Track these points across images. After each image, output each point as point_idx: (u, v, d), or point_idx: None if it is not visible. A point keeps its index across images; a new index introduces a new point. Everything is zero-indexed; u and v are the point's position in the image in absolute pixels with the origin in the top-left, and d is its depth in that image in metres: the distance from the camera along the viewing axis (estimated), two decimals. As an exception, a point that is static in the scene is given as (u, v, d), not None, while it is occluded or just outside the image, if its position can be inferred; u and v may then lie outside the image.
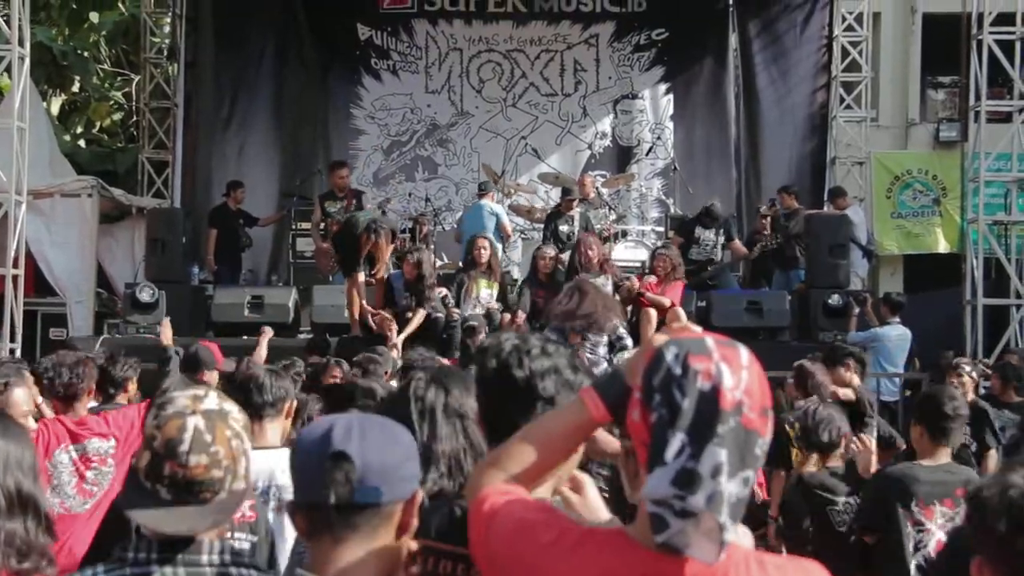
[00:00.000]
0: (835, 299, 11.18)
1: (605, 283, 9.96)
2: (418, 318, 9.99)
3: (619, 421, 1.87)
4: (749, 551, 1.77)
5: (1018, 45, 11.89)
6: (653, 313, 9.84)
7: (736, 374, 1.66)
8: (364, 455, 1.80)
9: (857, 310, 11.14)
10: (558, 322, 7.25)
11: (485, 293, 10.58)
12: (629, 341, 8.16)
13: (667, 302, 9.94)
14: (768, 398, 1.70)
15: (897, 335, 10.69)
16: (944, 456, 4.66)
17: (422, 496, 1.93)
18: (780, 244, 12.82)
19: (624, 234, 12.95)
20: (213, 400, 2.11)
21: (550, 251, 10.78)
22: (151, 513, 2.02)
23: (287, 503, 1.93)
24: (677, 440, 1.63)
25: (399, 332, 9.80)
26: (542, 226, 12.45)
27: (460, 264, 11.54)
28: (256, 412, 4.03)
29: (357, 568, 1.82)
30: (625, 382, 1.87)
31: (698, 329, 1.90)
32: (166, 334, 8.05)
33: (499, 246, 11.83)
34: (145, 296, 11.22)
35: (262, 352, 8.47)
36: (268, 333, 8.97)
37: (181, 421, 2.04)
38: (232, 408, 2.12)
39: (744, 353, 1.71)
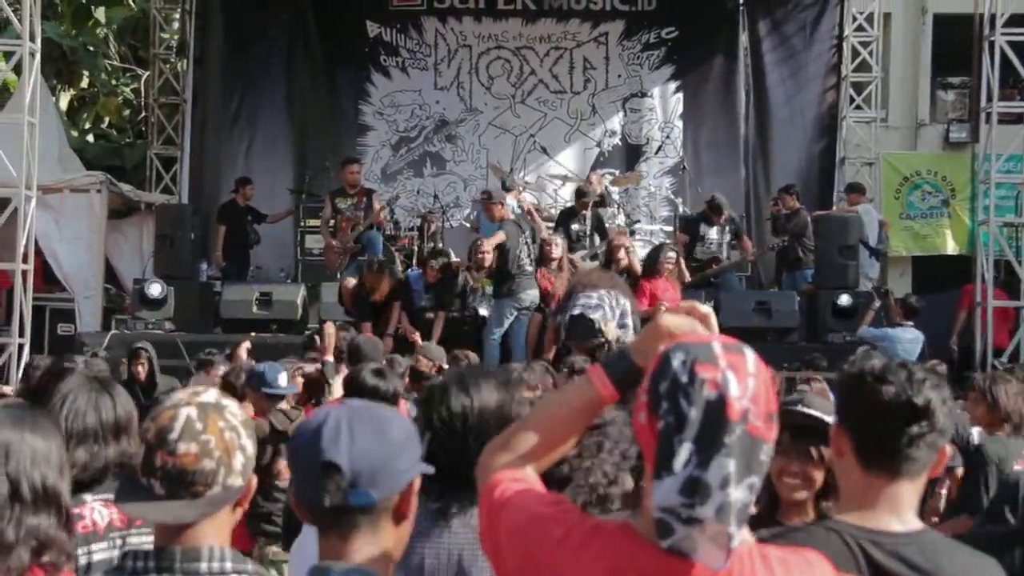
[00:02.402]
0: (844, 300, 11.14)
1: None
2: (440, 323, 10.10)
3: (626, 399, 1.87)
4: (752, 545, 1.78)
5: (1030, 46, 11.85)
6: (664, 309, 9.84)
7: (743, 382, 1.66)
8: (353, 461, 1.82)
9: (878, 303, 11.07)
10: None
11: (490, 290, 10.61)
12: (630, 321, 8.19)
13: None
14: (774, 403, 1.70)
15: (909, 338, 10.62)
16: None
17: (418, 482, 1.95)
18: (785, 244, 12.82)
19: (632, 233, 12.95)
20: (212, 395, 2.10)
21: (560, 239, 10.77)
22: (141, 506, 2.02)
23: (291, 493, 1.94)
24: (685, 450, 1.63)
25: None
26: (552, 224, 12.43)
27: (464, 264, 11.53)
28: None
29: (363, 564, 1.86)
30: (632, 361, 1.89)
31: (706, 309, 1.90)
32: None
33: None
34: (154, 292, 11.25)
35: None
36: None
37: (174, 411, 2.04)
38: (231, 404, 2.10)
39: (751, 358, 1.71)
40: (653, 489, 1.66)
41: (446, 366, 6.93)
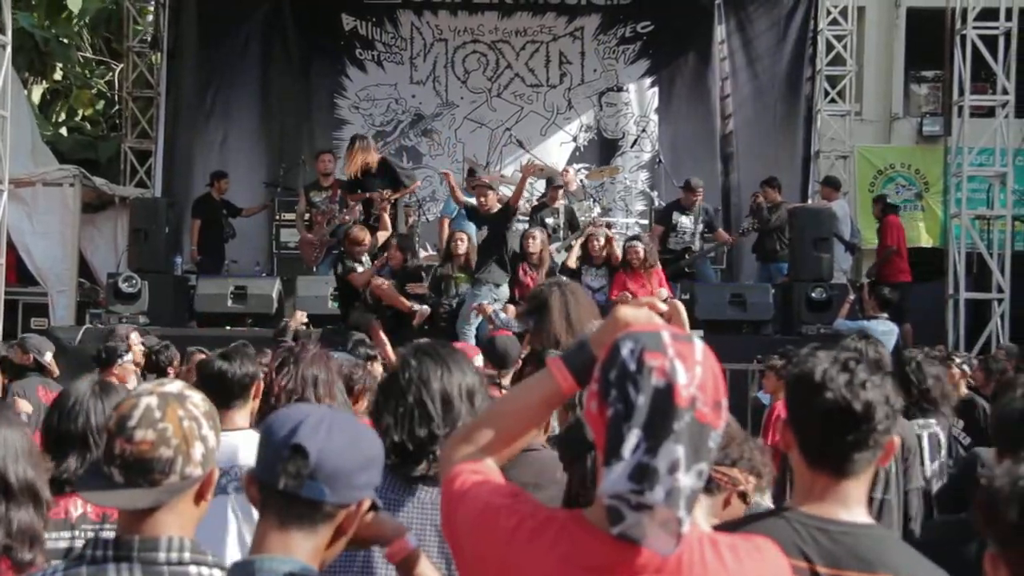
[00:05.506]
0: (818, 292, 11.20)
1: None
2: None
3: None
4: (703, 533, 1.80)
5: (1001, 40, 11.93)
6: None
7: (690, 370, 1.68)
8: (321, 455, 1.86)
9: (852, 296, 11.13)
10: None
11: (464, 287, 10.55)
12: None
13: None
14: (722, 391, 1.73)
15: (883, 330, 10.65)
16: None
17: (367, 507, 1.97)
18: (756, 230, 12.89)
19: (608, 227, 12.96)
20: (176, 386, 2.11)
21: (539, 233, 10.73)
22: (99, 493, 2.05)
23: (248, 469, 1.96)
24: (633, 436, 1.65)
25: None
26: (527, 218, 12.43)
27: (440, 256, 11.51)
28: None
29: (293, 554, 1.88)
30: (591, 352, 1.90)
31: (663, 307, 1.92)
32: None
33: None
34: (128, 286, 11.20)
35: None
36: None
37: (135, 400, 2.06)
38: (195, 395, 2.11)
39: (699, 347, 1.73)
40: (604, 476, 1.67)
41: None
